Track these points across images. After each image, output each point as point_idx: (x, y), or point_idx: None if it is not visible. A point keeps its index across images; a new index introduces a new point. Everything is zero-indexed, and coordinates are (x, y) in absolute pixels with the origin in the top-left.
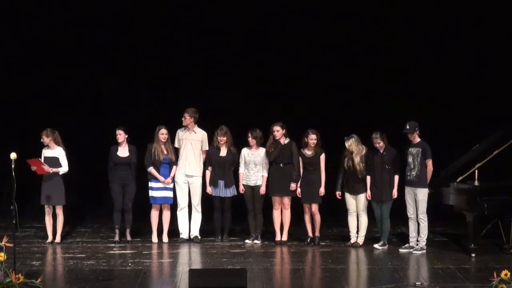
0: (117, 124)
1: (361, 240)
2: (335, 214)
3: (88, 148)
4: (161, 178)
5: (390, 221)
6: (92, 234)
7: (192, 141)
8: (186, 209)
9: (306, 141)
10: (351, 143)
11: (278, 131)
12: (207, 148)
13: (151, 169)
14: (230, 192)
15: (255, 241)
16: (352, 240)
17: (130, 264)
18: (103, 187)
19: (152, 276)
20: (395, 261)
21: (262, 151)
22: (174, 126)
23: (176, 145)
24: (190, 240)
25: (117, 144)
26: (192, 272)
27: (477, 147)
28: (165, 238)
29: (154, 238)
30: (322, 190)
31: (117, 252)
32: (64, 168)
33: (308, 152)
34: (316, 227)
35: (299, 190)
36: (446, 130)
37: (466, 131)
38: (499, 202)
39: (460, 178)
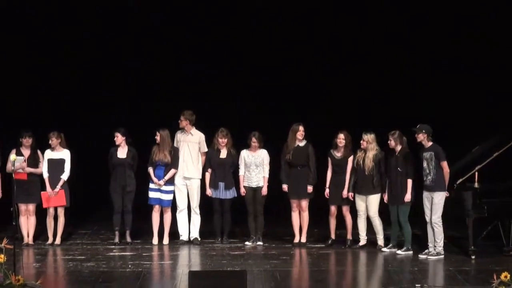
0: (118, 125)
1: (381, 242)
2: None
3: (88, 149)
4: (154, 179)
5: (410, 225)
6: (92, 236)
7: (189, 143)
8: (186, 211)
9: (336, 142)
10: (369, 137)
11: (300, 131)
12: (206, 150)
13: (149, 170)
14: (230, 194)
15: (257, 243)
16: (361, 243)
17: (130, 266)
18: (103, 189)
19: (152, 278)
20: (394, 264)
21: (262, 152)
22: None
23: (176, 146)
24: (190, 242)
25: (117, 145)
26: (192, 274)
27: (477, 149)
28: (165, 240)
29: (155, 240)
30: (344, 192)
31: (117, 254)
32: (66, 174)
33: (337, 154)
34: (347, 229)
35: (327, 191)
36: (448, 131)
37: (467, 132)
38: (499, 204)
39: (460, 180)
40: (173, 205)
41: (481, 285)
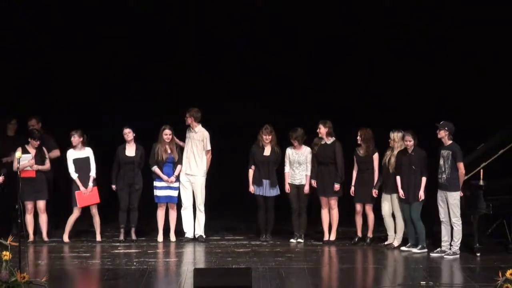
0: (124, 123)
1: (397, 242)
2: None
3: (96, 147)
4: (164, 177)
5: (422, 223)
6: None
7: (193, 141)
8: (191, 208)
9: (357, 140)
10: (395, 136)
11: (320, 129)
12: (209, 148)
13: (155, 168)
14: (274, 192)
15: (299, 240)
16: (388, 241)
17: (135, 263)
18: (109, 187)
19: (157, 275)
20: (400, 261)
21: (305, 150)
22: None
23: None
24: (195, 240)
25: (124, 142)
26: (197, 271)
27: (483, 146)
28: (172, 237)
29: (160, 237)
30: (374, 191)
31: (122, 251)
32: (93, 171)
33: (361, 151)
34: (369, 227)
35: (352, 189)
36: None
37: (472, 129)
38: (504, 202)
39: (466, 177)
40: (177, 202)
41: (486, 282)
